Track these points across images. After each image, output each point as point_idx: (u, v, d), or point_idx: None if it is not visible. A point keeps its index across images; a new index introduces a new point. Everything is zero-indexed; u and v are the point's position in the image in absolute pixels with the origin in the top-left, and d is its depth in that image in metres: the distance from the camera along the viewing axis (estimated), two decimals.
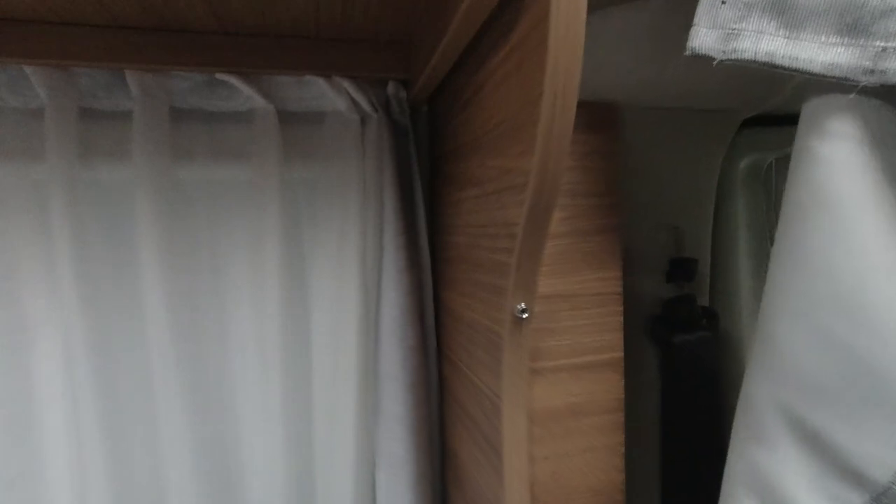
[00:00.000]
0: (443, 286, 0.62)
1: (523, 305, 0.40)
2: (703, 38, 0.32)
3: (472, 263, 0.49)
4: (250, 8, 0.50)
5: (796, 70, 0.30)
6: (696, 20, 0.33)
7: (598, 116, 0.44)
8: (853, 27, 0.29)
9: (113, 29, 0.52)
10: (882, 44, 0.28)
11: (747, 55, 0.31)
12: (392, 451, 0.62)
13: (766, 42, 0.31)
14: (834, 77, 0.29)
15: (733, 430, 0.36)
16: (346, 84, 0.58)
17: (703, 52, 0.32)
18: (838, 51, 0.29)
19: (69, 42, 0.52)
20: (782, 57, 0.30)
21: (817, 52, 0.30)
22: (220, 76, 0.55)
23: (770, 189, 0.60)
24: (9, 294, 0.54)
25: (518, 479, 0.43)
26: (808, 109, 0.31)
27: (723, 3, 0.32)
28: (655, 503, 0.56)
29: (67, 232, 0.53)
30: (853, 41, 0.29)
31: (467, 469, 0.55)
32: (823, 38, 0.30)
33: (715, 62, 0.32)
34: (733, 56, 0.32)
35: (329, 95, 0.59)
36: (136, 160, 0.54)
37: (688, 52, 0.33)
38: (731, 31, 0.32)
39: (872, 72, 0.28)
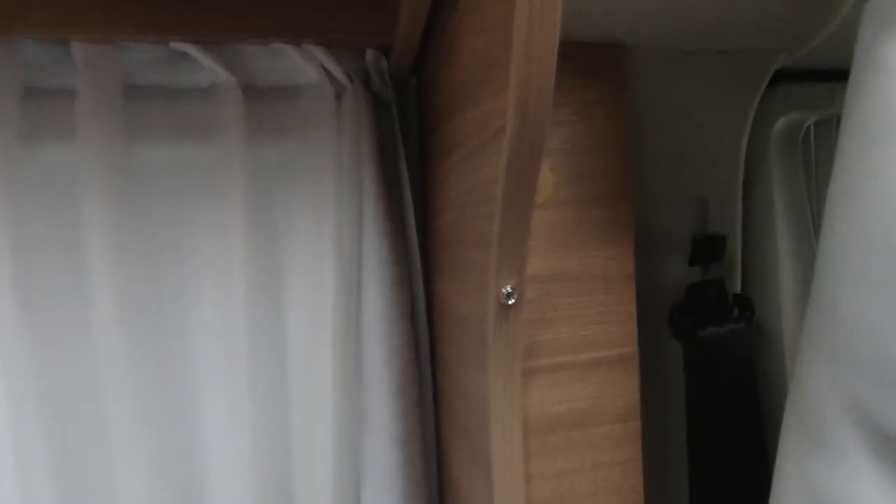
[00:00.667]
0: (434, 277, 0.55)
1: (510, 288, 0.32)
2: None
3: (459, 242, 0.42)
4: None
5: None
6: None
7: (598, 59, 0.37)
8: None
9: None
10: None
11: None
12: (379, 464, 0.55)
13: None
14: None
15: (782, 439, 0.28)
16: (319, 52, 0.52)
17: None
18: None
19: (6, 6, 0.46)
20: None
21: None
22: (175, 46, 0.50)
23: (810, 155, 0.52)
24: None
25: (511, 500, 0.35)
26: (872, 9, 0.23)
27: None
28: None
29: (4, 221, 0.47)
30: None
31: (462, 488, 0.48)
32: None
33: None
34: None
35: (299, 66, 0.53)
36: (82, 142, 0.49)
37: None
38: None
39: None
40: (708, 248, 0.45)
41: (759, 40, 0.39)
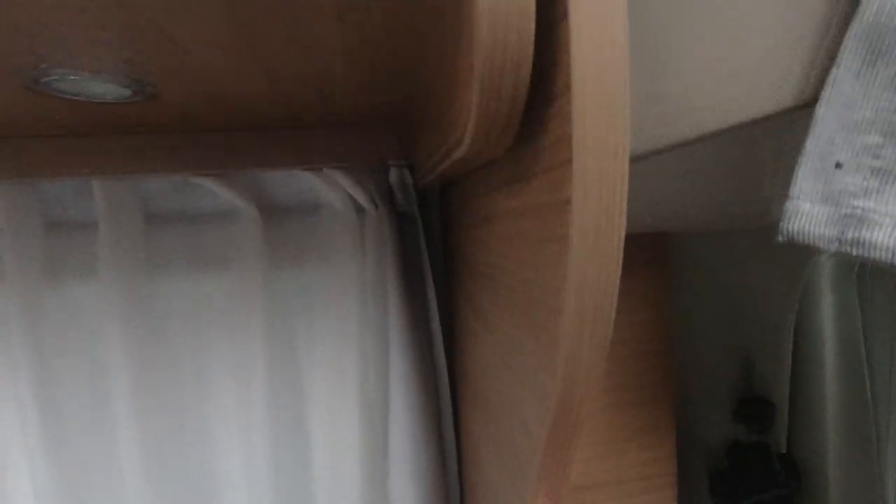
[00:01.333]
0: (463, 407, 0.53)
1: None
2: (807, 218, 0.22)
3: (495, 410, 0.40)
4: (212, 109, 0.42)
5: None
6: (793, 189, 0.22)
7: (642, 250, 0.34)
8: None
9: (75, 138, 0.46)
10: None
11: (882, 254, 0.20)
12: None
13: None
14: None
15: None
16: (340, 176, 0.50)
17: (808, 241, 0.22)
18: None
19: (28, 156, 0.45)
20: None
21: None
22: (194, 180, 0.48)
23: (867, 293, 0.48)
24: None
25: None
26: None
27: (838, 165, 0.21)
28: None
29: (30, 356, 0.47)
30: None
31: None
32: None
33: (825, 254, 0.22)
34: (856, 250, 0.21)
35: (321, 190, 0.51)
36: (104, 273, 0.48)
37: (781, 237, 0.22)
38: (851, 212, 0.21)
39: None
40: (754, 413, 0.43)
41: None
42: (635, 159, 0.25)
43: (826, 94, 0.21)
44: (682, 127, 0.24)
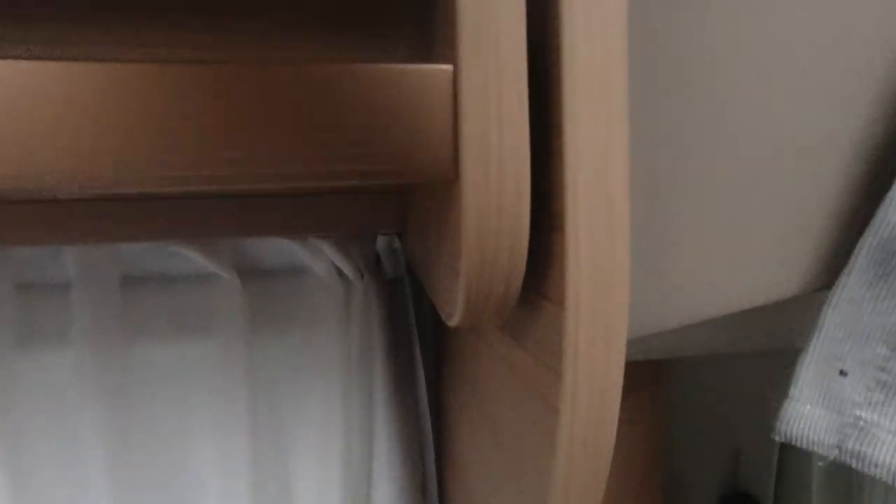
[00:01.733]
0: (450, 482, 0.52)
1: None
2: (807, 422, 0.21)
3: None
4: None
5: None
6: (794, 390, 0.21)
7: (633, 377, 0.33)
8: None
9: (45, 203, 0.44)
10: None
11: (881, 472, 0.19)
12: None
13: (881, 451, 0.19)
14: None
15: None
16: (326, 246, 0.48)
17: (806, 445, 0.21)
18: None
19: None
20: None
21: None
22: (173, 248, 0.46)
23: None
24: None
25: None
26: None
27: (843, 373, 0.20)
28: None
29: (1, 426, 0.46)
30: None
31: None
32: None
33: (824, 461, 0.20)
34: (856, 463, 0.20)
35: (304, 257, 0.49)
36: (78, 338, 0.46)
37: (778, 437, 0.21)
38: (853, 421, 0.20)
39: None
40: None
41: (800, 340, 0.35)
42: (632, 342, 0.23)
43: (835, 298, 0.20)
44: (685, 311, 0.22)
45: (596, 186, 0.17)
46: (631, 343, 0.21)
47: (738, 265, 0.21)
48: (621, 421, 0.34)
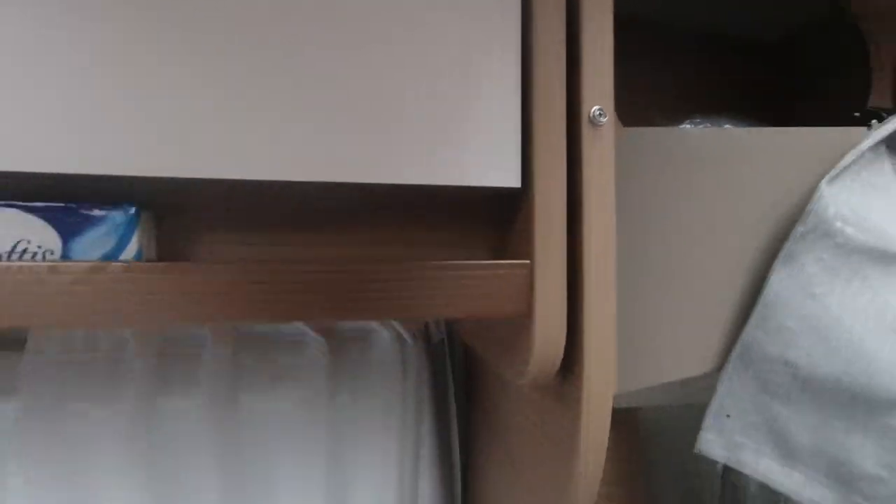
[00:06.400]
0: None
1: None
2: (710, 444, 0.38)
3: None
4: None
5: (785, 492, 0.36)
6: (704, 425, 0.39)
7: (616, 431, 0.50)
8: (840, 478, 0.34)
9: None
10: (862, 501, 0.33)
11: (748, 468, 0.37)
12: None
13: (765, 463, 0.36)
14: None
15: None
16: (394, 322, 0.65)
17: (710, 456, 0.38)
18: (823, 491, 0.35)
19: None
20: (775, 480, 0.36)
21: (804, 485, 0.35)
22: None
23: None
24: None
25: None
26: None
27: (728, 416, 0.38)
28: None
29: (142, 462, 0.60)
30: (838, 488, 0.34)
31: None
32: (813, 475, 0.35)
33: (719, 465, 0.38)
34: (736, 465, 0.37)
35: (374, 325, 0.66)
36: (205, 389, 0.62)
37: (696, 451, 0.38)
38: (735, 443, 0.37)
39: None
40: None
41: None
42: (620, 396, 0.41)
43: (723, 374, 0.38)
44: (651, 376, 0.40)
45: (600, 329, 0.35)
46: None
47: (678, 348, 0.39)
48: (609, 472, 0.51)
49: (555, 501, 0.42)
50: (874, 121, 0.38)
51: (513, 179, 0.35)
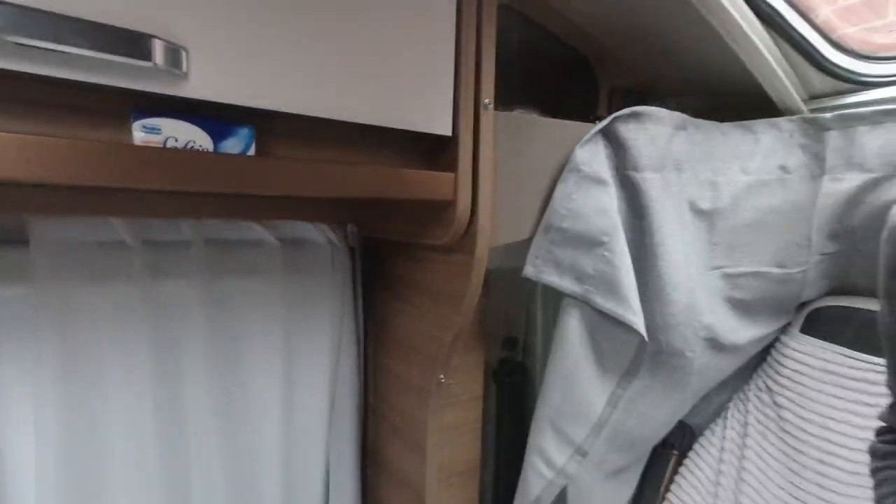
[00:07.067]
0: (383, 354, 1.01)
1: (442, 377, 0.82)
2: (528, 271, 0.79)
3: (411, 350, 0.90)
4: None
5: (559, 289, 0.79)
6: (526, 263, 0.80)
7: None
8: (580, 279, 0.78)
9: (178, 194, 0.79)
10: (590, 287, 0.78)
11: (544, 280, 0.79)
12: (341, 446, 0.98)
13: (552, 278, 0.78)
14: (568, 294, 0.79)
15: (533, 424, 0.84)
16: (324, 228, 0.93)
17: (527, 276, 0.79)
18: (574, 286, 0.78)
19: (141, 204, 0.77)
20: (555, 283, 0.79)
21: (567, 284, 0.79)
22: (243, 223, 0.86)
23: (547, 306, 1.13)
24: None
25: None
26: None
27: (536, 257, 0.79)
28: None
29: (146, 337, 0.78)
30: (580, 284, 0.78)
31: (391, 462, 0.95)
32: (569, 279, 0.78)
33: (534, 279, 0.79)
34: (539, 280, 0.79)
35: (316, 235, 0.93)
36: (192, 278, 0.81)
37: (523, 276, 0.79)
38: (540, 269, 0.79)
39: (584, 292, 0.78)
40: (513, 346, 1.02)
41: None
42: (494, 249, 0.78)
43: (536, 235, 0.79)
44: (511, 236, 0.78)
45: (485, 210, 0.71)
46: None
47: (523, 224, 0.79)
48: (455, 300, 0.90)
49: (450, 315, 0.79)
50: (596, 121, 0.82)
51: (448, 130, 0.69)
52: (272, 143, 0.63)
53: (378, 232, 0.93)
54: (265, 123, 0.61)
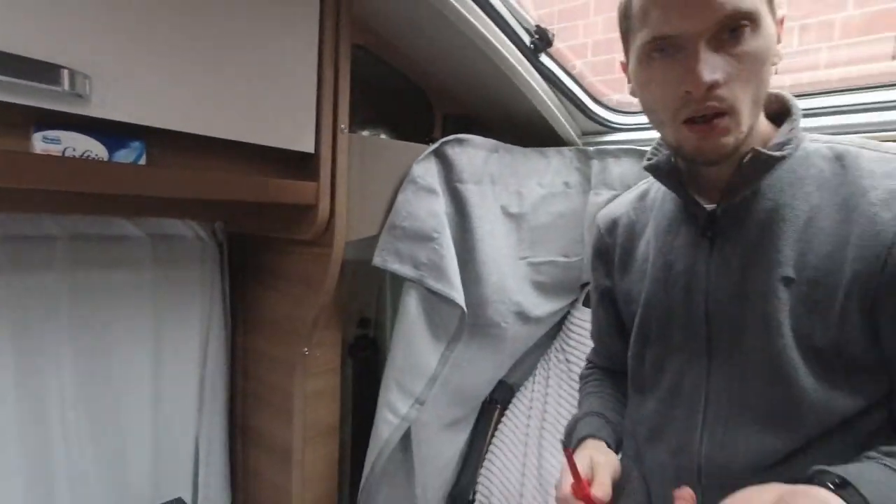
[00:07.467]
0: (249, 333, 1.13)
1: (306, 350, 0.99)
2: (376, 261, 0.99)
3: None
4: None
5: (400, 275, 1.01)
6: (375, 254, 1.00)
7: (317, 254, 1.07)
8: (415, 264, 1.01)
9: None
10: (425, 272, 1.00)
11: (389, 268, 0.99)
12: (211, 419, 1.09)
13: (396, 265, 0.99)
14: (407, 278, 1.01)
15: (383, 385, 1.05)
16: (194, 224, 1.03)
17: (376, 265, 0.99)
18: (412, 271, 1.00)
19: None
20: (397, 269, 1.00)
21: (405, 270, 1.00)
22: (114, 219, 0.93)
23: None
24: None
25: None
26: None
27: (383, 249, 0.99)
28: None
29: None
30: (415, 269, 1.00)
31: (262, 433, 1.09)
32: (408, 265, 1.00)
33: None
34: (385, 267, 1.00)
35: (186, 230, 1.02)
36: (58, 271, 0.87)
37: (372, 264, 0.99)
38: (385, 259, 0.99)
39: (419, 276, 1.01)
40: (366, 326, 1.22)
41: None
42: (350, 243, 0.97)
43: (382, 232, 1.00)
44: (362, 233, 0.97)
45: (341, 213, 0.89)
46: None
47: (373, 222, 0.99)
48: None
49: (312, 298, 0.96)
50: (431, 142, 1.05)
51: (311, 148, 0.86)
52: (164, 154, 0.74)
53: (249, 229, 1.05)
54: (159, 137, 0.72)
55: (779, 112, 0.63)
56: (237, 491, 1.13)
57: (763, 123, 0.61)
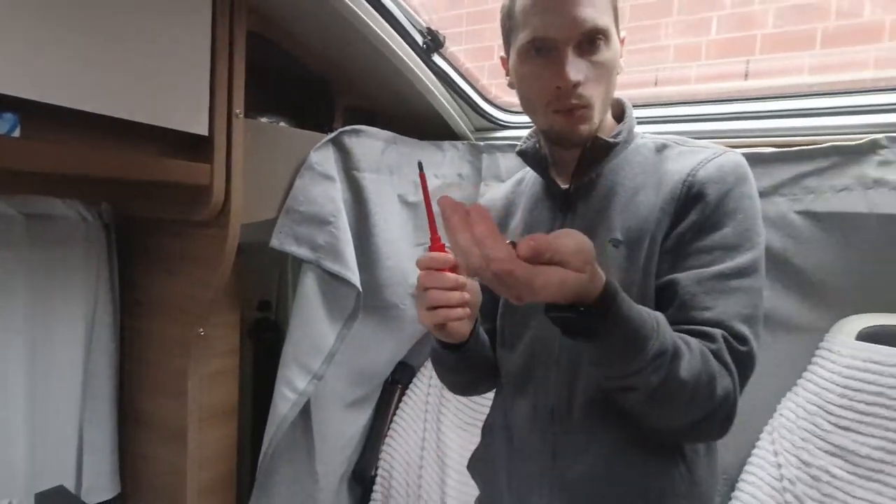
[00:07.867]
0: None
1: (201, 331, 1.00)
2: (274, 243, 1.02)
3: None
4: None
5: (293, 255, 1.05)
6: (273, 237, 1.03)
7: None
8: (311, 246, 1.05)
9: None
10: (323, 255, 1.05)
11: (287, 250, 1.03)
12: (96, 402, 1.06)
13: (293, 248, 1.03)
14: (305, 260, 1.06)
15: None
16: (78, 205, 1.00)
17: (273, 246, 1.03)
18: (309, 253, 1.05)
19: None
20: (294, 251, 1.04)
21: (303, 252, 1.05)
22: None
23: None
24: None
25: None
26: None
27: (280, 232, 1.03)
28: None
29: None
30: (312, 252, 1.05)
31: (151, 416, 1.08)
32: (306, 248, 1.05)
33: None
34: (283, 249, 1.03)
35: (67, 211, 0.99)
36: None
37: (270, 246, 1.02)
38: (283, 241, 1.03)
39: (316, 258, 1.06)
40: (266, 309, 1.24)
41: None
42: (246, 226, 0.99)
43: (279, 219, 1.03)
44: (259, 216, 1.00)
45: (238, 194, 0.92)
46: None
47: (269, 206, 1.02)
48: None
49: (208, 278, 0.97)
50: (331, 132, 1.10)
51: (205, 131, 0.88)
52: (44, 130, 0.73)
53: (141, 210, 1.04)
54: (40, 113, 0.71)
55: (619, 114, 0.77)
56: (127, 477, 1.11)
57: (608, 120, 0.75)
